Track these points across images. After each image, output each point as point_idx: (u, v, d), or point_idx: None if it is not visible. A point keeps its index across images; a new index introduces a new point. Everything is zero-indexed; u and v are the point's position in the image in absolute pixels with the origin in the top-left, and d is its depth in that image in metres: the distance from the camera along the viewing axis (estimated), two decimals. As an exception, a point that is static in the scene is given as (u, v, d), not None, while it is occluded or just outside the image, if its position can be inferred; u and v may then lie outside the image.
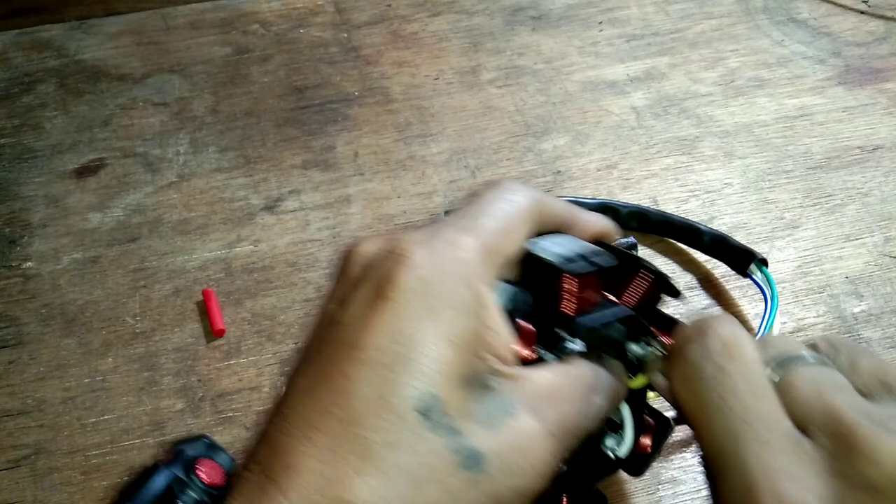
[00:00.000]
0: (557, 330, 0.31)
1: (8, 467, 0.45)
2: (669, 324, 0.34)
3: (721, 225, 0.55)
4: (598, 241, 0.36)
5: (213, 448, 0.29)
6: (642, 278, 0.34)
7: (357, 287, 0.29)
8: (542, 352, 0.31)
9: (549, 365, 0.31)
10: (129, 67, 0.69)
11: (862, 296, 0.51)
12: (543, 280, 0.32)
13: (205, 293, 0.52)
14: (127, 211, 0.58)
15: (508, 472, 0.27)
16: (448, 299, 0.28)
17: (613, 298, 0.34)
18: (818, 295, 0.51)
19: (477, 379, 0.28)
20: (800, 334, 0.49)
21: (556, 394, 0.30)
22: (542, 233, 0.34)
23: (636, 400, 0.35)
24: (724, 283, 0.52)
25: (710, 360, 0.28)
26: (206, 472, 0.28)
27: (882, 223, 0.55)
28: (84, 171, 0.61)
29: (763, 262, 0.49)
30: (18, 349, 0.50)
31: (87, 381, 0.48)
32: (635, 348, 0.33)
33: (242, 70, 0.68)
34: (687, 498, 0.43)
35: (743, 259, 0.50)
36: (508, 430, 0.27)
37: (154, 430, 0.46)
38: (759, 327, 0.47)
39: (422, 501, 0.26)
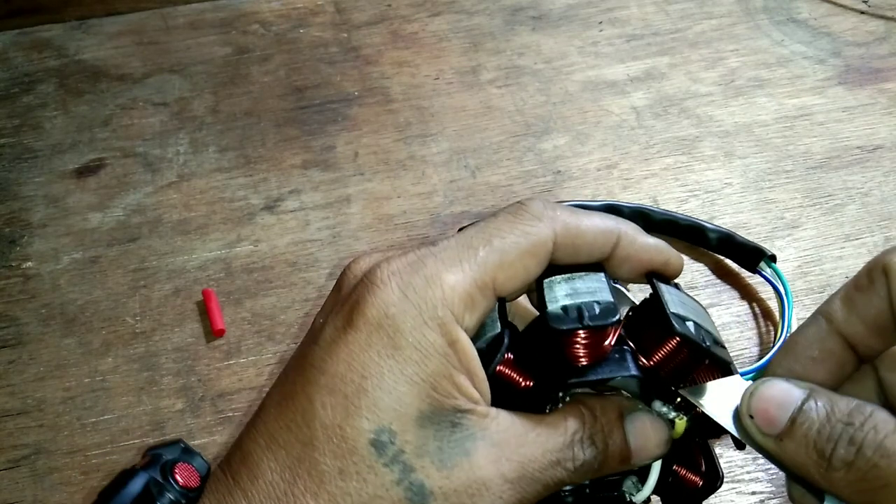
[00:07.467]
0: (553, 384, 0.30)
1: (8, 467, 0.45)
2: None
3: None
4: (652, 273, 0.33)
5: (188, 452, 0.31)
6: (672, 345, 0.31)
7: (336, 309, 0.30)
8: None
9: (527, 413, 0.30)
10: (129, 67, 0.69)
11: (862, 296, 0.51)
12: (545, 329, 0.30)
13: (205, 293, 0.52)
14: (127, 211, 0.58)
15: None
16: (415, 340, 0.28)
17: (630, 349, 0.31)
18: (818, 295, 0.51)
19: (440, 416, 0.28)
20: (800, 334, 0.49)
21: (525, 438, 0.29)
22: (572, 264, 0.31)
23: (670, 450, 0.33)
24: (738, 273, 0.52)
25: (884, 455, 0.25)
26: (183, 475, 0.29)
27: (882, 223, 0.55)
28: (84, 171, 0.61)
29: (772, 259, 0.49)
30: (18, 349, 0.50)
31: (87, 381, 0.48)
32: (661, 408, 0.31)
33: (242, 70, 0.68)
34: (687, 498, 0.43)
35: (752, 256, 0.50)
36: (461, 471, 0.28)
37: (154, 430, 0.46)
38: (780, 326, 0.47)
39: None
